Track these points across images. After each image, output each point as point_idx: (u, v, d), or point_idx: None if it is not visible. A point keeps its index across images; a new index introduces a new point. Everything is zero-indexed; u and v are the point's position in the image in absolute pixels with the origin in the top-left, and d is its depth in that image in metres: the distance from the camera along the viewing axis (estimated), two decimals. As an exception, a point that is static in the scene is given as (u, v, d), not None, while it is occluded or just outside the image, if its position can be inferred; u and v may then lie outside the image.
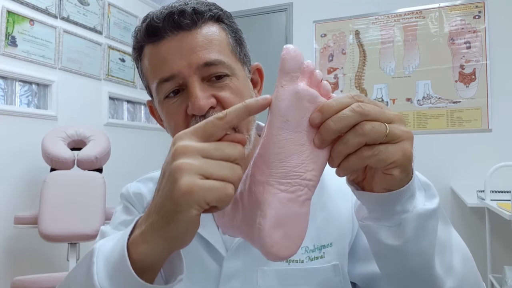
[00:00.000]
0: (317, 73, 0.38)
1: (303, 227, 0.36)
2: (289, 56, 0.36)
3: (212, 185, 0.34)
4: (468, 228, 2.65)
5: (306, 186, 0.36)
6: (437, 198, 0.43)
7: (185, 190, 0.33)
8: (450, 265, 0.45)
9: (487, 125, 2.69)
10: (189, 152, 0.35)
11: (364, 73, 3.02)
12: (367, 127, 0.34)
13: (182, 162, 0.34)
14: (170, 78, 0.56)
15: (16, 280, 1.73)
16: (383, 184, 0.38)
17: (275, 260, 0.35)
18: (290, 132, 0.36)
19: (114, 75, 2.87)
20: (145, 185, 0.69)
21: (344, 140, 0.35)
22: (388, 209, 0.40)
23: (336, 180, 0.61)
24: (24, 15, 2.20)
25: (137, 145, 3.01)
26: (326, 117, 0.35)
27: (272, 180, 0.35)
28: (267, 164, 0.36)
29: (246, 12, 3.35)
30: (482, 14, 2.74)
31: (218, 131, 0.36)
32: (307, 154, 0.36)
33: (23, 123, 2.19)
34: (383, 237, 0.41)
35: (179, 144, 0.36)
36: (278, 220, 0.35)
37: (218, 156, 0.35)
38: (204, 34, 0.56)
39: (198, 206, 0.34)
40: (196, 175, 0.34)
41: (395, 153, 0.35)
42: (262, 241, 0.35)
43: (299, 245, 0.36)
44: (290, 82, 0.36)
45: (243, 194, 0.39)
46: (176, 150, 0.35)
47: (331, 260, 0.58)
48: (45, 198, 1.92)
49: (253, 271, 0.57)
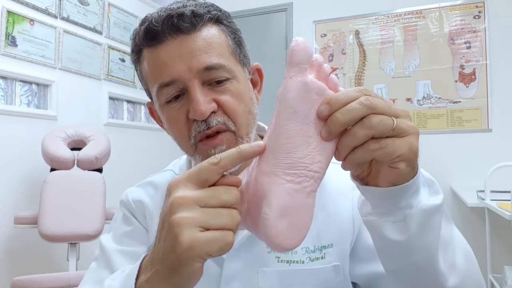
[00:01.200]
0: (325, 66, 0.38)
1: (308, 218, 0.36)
2: (298, 48, 0.36)
3: (212, 237, 0.35)
4: (468, 228, 2.64)
5: (312, 177, 0.36)
6: (441, 194, 0.43)
7: (186, 246, 0.34)
8: (453, 262, 0.45)
9: (487, 125, 2.69)
10: (186, 204, 0.36)
11: (364, 73, 3.02)
12: (374, 120, 0.34)
13: (181, 217, 0.35)
14: (170, 82, 0.55)
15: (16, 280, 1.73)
16: (389, 178, 0.38)
17: (280, 251, 0.35)
18: (297, 123, 0.36)
19: (114, 75, 2.87)
20: (145, 190, 0.68)
21: (351, 133, 0.35)
22: (393, 204, 0.40)
23: (336, 181, 0.62)
24: (24, 15, 2.20)
25: (137, 145, 3.01)
26: (334, 109, 0.35)
27: (279, 171, 0.35)
28: (274, 154, 0.36)
29: (246, 12, 3.35)
30: (482, 14, 2.74)
31: (212, 176, 0.37)
32: (314, 146, 0.36)
33: (23, 123, 2.18)
34: (388, 232, 0.41)
35: (176, 195, 0.36)
36: (283, 210, 0.35)
37: (215, 204, 0.36)
38: (204, 37, 0.56)
39: (200, 259, 0.35)
40: (196, 228, 0.35)
41: (402, 147, 0.35)
42: (267, 231, 0.35)
43: (304, 236, 0.36)
44: (299, 74, 0.36)
45: (249, 184, 0.39)
46: (174, 202, 0.36)
47: (332, 260, 0.58)
48: (45, 198, 1.92)
49: (253, 272, 0.57)
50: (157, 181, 0.69)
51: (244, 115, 0.57)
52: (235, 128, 0.56)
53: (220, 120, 0.55)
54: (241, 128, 0.57)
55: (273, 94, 0.41)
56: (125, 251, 0.63)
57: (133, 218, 0.66)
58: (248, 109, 0.59)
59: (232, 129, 0.56)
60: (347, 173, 0.43)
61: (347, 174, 0.42)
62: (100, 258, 0.64)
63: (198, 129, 0.55)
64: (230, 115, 0.56)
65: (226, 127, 0.56)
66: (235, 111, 0.56)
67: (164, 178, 0.70)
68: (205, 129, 0.55)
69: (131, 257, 0.62)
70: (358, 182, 0.42)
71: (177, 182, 0.37)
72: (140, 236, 0.65)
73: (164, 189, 0.67)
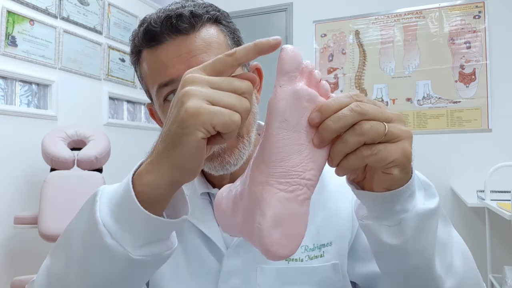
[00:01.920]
0: (316, 73, 0.38)
1: (303, 227, 0.36)
2: (287, 56, 0.36)
3: (219, 110, 0.34)
4: (468, 228, 2.65)
5: (305, 185, 0.36)
6: (436, 198, 0.43)
7: (192, 111, 0.33)
8: (450, 265, 0.45)
9: (487, 125, 2.69)
10: (198, 82, 0.35)
11: (364, 73, 3.02)
12: (365, 127, 0.34)
13: (190, 88, 0.35)
14: (170, 82, 0.55)
15: (16, 280, 1.73)
16: (383, 184, 0.38)
17: (275, 259, 0.35)
18: (289, 132, 0.35)
19: (114, 75, 2.87)
20: None
21: (343, 140, 0.35)
22: (388, 208, 0.40)
23: (336, 180, 0.62)
24: (24, 15, 2.20)
25: (137, 145, 3.01)
26: (325, 116, 0.35)
27: (271, 180, 0.35)
28: (266, 163, 0.36)
29: (246, 12, 3.36)
30: (482, 14, 2.74)
31: (227, 68, 0.36)
32: (306, 153, 0.36)
33: (23, 123, 2.19)
34: (383, 236, 0.41)
35: (188, 75, 0.36)
36: (277, 219, 0.35)
37: (226, 88, 0.36)
38: (203, 38, 0.56)
39: (204, 129, 0.34)
40: (204, 100, 0.34)
41: (394, 152, 0.35)
42: (262, 240, 0.35)
43: (299, 244, 0.36)
44: (288, 82, 0.36)
45: (243, 193, 0.39)
46: (185, 80, 0.36)
47: (331, 259, 0.58)
48: (45, 198, 1.92)
49: (252, 269, 0.57)
50: None
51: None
52: None
53: None
54: (241, 127, 0.57)
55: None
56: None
57: None
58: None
59: None
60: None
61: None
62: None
63: None
64: None
65: None
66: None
67: None
68: None
69: None
70: (353, 186, 0.42)
71: (192, 70, 0.37)
72: None
73: None
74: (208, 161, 0.58)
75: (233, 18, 0.64)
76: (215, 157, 0.57)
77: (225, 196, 0.42)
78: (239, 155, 0.58)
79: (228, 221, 0.41)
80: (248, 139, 0.58)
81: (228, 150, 0.57)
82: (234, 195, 0.40)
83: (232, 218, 0.40)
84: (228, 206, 0.41)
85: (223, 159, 0.57)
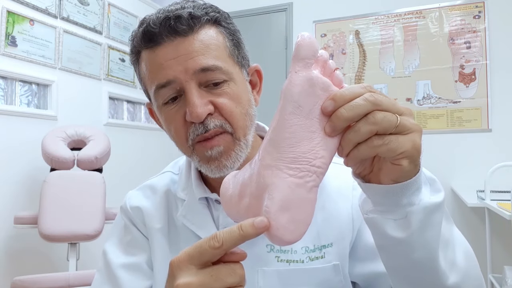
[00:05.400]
0: (331, 62, 0.38)
1: (310, 213, 0.36)
2: (304, 43, 0.36)
3: None
4: (468, 228, 2.65)
5: (314, 172, 0.36)
6: (442, 192, 0.43)
7: None
8: (454, 261, 0.45)
9: (487, 125, 2.69)
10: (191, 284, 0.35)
11: (364, 73, 3.02)
12: (379, 116, 0.35)
13: None
14: (167, 83, 0.56)
15: (16, 280, 1.73)
16: (391, 175, 0.38)
17: (280, 244, 0.35)
18: (301, 118, 0.36)
19: (114, 75, 2.87)
20: (143, 193, 0.70)
21: (355, 128, 0.35)
22: (395, 201, 0.40)
23: (336, 181, 0.62)
24: (24, 15, 2.20)
25: (137, 145, 3.01)
26: (338, 105, 0.35)
27: (281, 164, 0.36)
28: (277, 148, 0.36)
29: (246, 12, 3.35)
30: (482, 14, 2.74)
31: (214, 258, 0.36)
32: (318, 141, 0.36)
33: (23, 123, 2.18)
34: (389, 230, 0.41)
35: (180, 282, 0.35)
36: (285, 204, 0.35)
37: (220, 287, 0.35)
38: (201, 39, 0.56)
39: None
40: None
41: (405, 144, 0.35)
42: (268, 224, 0.35)
43: (304, 230, 0.36)
44: (304, 69, 0.36)
45: (252, 177, 0.39)
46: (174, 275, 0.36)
47: (332, 260, 0.58)
48: (45, 198, 1.92)
49: (253, 272, 0.57)
50: (156, 184, 0.70)
51: (241, 117, 0.58)
52: (232, 130, 0.57)
53: (217, 123, 0.56)
54: (238, 130, 0.57)
55: (273, 94, 0.41)
56: (128, 264, 0.64)
57: (133, 227, 0.67)
58: (245, 111, 0.59)
59: (229, 131, 0.57)
60: (347, 174, 0.43)
61: (347, 174, 0.42)
62: (104, 272, 0.65)
63: (196, 132, 0.56)
64: (227, 117, 0.56)
65: (223, 129, 0.56)
66: (232, 113, 0.57)
67: (162, 180, 0.70)
68: (203, 132, 0.56)
69: (134, 270, 0.63)
70: (360, 180, 0.42)
71: (179, 263, 0.36)
72: (141, 244, 0.66)
73: (162, 192, 0.68)
74: (206, 163, 0.58)
75: (233, 18, 0.63)
76: (212, 160, 0.57)
77: (233, 180, 0.42)
78: (236, 158, 0.58)
79: (234, 205, 0.41)
80: (245, 141, 0.59)
81: (225, 153, 0.57)
82: (242, 179, 0.40)
83: (239, 202, 0.40)
84: (235, 190, 0.41)
85: (220, 163, 0.57)
